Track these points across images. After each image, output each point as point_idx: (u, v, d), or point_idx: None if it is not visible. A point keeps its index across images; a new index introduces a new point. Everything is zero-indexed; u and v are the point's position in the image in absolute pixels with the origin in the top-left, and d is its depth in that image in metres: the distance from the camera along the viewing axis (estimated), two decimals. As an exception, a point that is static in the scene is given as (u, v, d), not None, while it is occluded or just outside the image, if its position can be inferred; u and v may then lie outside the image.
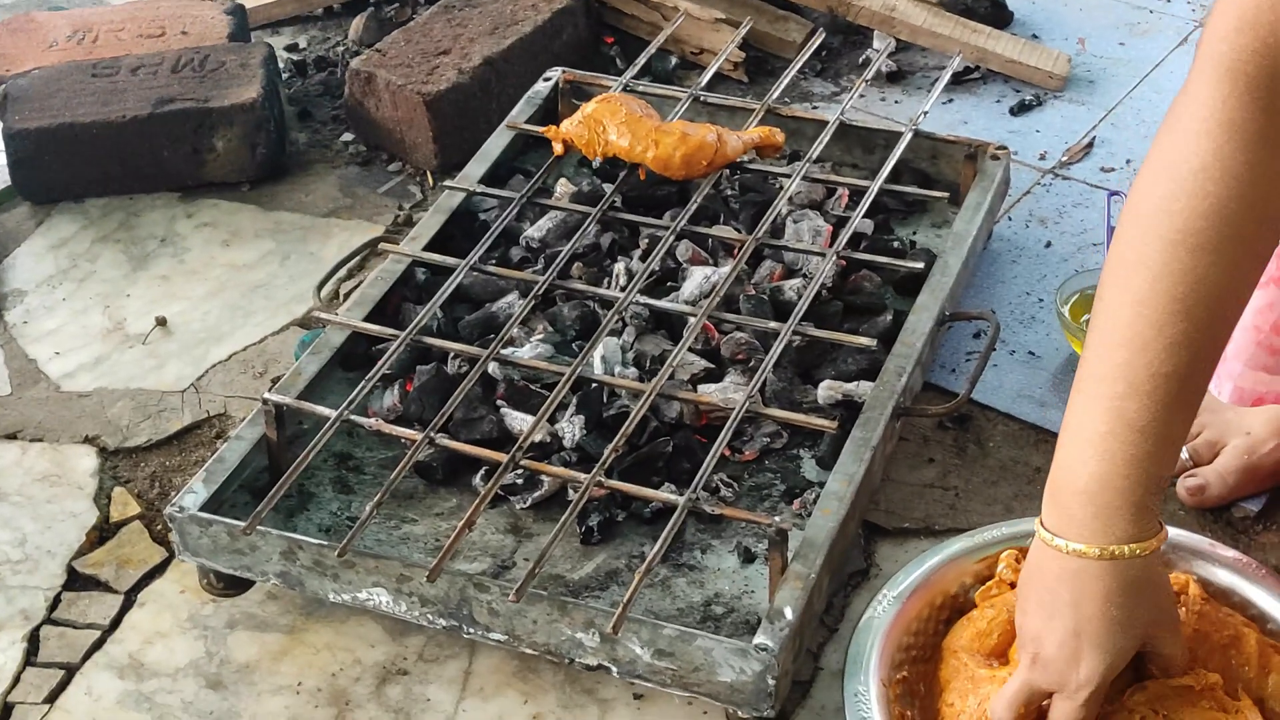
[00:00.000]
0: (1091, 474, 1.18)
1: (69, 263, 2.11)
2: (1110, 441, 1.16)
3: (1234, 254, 1.13)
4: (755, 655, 1.38)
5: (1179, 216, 1.13)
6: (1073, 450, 1.19)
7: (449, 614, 1.48)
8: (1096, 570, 1.19)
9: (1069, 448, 1.20)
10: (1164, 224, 1.14)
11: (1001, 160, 1.96)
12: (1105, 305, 1.18)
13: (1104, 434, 1.17)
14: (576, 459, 1.64)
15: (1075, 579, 1.19)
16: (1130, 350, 1.15)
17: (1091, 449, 1.17)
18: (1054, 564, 1.21)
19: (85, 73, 2.25)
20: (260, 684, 1.53)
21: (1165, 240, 1.14)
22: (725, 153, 1.86)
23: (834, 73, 2.42)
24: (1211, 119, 1.13)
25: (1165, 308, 1.14)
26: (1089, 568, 1.19)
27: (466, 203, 1.94)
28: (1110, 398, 1.16)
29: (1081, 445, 1.18)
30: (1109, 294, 1.18)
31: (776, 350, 1.64)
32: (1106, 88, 2.35)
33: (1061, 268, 1.99)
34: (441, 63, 2.23)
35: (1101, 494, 1.17)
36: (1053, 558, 1.21)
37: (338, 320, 1.75)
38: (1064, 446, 1.20)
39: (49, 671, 1.55)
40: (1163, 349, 1.14)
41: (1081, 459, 1.18)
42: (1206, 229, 1.13)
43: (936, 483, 1.71)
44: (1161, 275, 1.14)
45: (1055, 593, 1.21)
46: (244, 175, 2.22)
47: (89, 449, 1.81)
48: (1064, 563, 1.20)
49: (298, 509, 1.64)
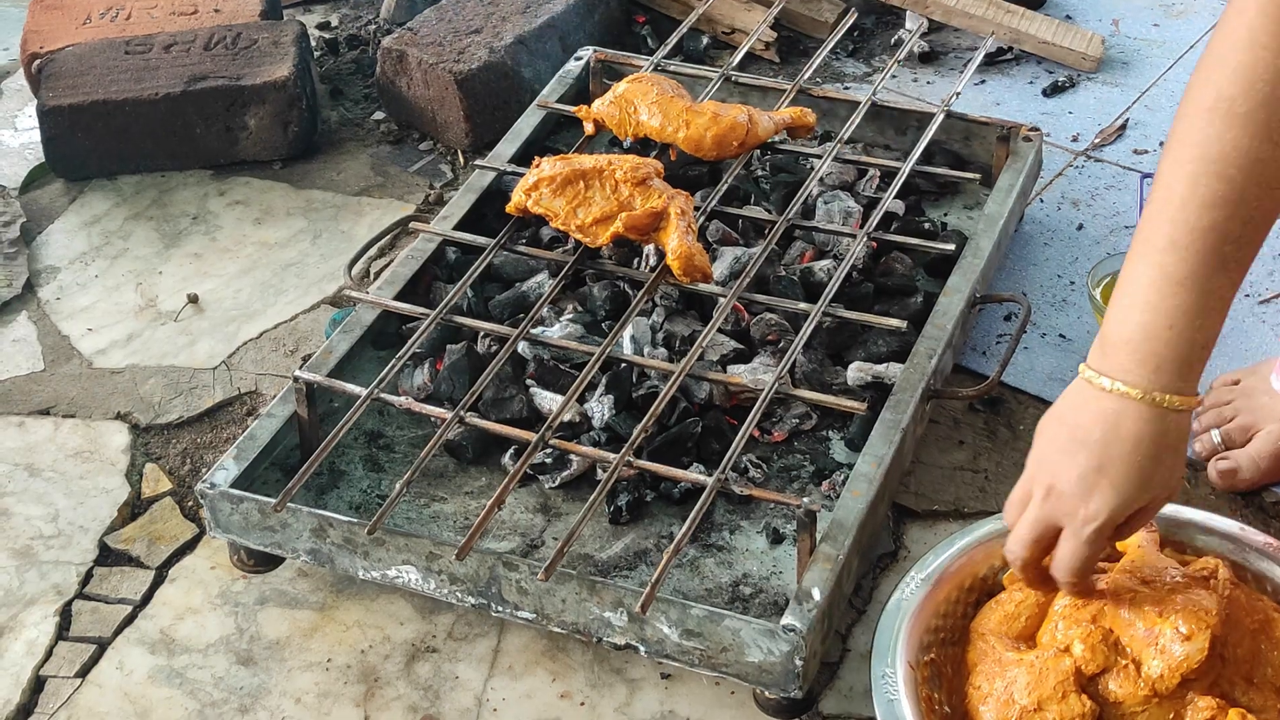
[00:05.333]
0: (1137, 324, 1.21)
1: (102, 240, 2.11)
2: (1154, 294, 1.20)
3: (1267, 120, 1.17)
4: (783, 636, 1.38)
5: (1214, 85, 1.19)
6: (1122, 303, 1.23)
7: (478, 592, 1.48)
8: (1135, 413, 1.21)
9: (1119, 301, 1.23)
10: (1203, 93, 1.20)
11: (1034, 142, 1.95)
12: (1158, 174, 1.22)
13: (1147, 286, 1.20)
14: (606, 439, 1.64)
15: (1113, 418, 1.22)
16: (1171, 208, 1.19)
17: (1138, 301, 1.21)
18: (1093, 402, 1.24)
19: (119, 50, 2.26)
20: (290, 660, 1.53)
21: (1201, 107, 1.19)
22: (757, 133, 1.86)
23: (866, 53, 2.41)
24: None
25: (1200, 169, 1.19)
26: (1129, 409, 1.21)
27: (497, 182, 1.94)
28: (1153, 252, 1.20)
29: (1129, 298, 1.22)
30: (1162, 164, 1.22)
31: (806, 331, 1.64)
32: (1140, 69, 2.34)
33: (1093, 250, 1.98)
34: (473, 41, 2.23)
35: (1147, 343, 1.21)
36: (1093, 396, 1.24)
37: (369, 299, 1.75)
38: (1114, 302, 1.24)
39: (81, 646, 1.57)
40: (1198, 206, 1.18)
41: (1129, 311, 1.22)
42: (1238, 95, 1.17)
43: (967, 465, 1.70)
44: (1198, 139, 1.19)
45: (1088, 429, 1.23)
46: (276, 153, 2.22)
47: (121, 425, 1.82)
48: (1104, 401, 1.23)
49: (328, 486, 1.64)
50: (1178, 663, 1.27)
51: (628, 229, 1.70)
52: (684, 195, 1.73)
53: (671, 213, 1.69)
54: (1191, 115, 1.20)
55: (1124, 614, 1.30)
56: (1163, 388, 1.21)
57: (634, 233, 1.70)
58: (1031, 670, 1.29)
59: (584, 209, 1.72)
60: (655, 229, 1.70)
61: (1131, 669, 1.28)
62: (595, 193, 1.73)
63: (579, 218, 1.72)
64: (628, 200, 1.71)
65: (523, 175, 1.79)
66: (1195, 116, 1.20)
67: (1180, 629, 1.27)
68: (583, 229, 1.72)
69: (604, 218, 1.71)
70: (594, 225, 1.72)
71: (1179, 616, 1.28)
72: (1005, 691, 1.30)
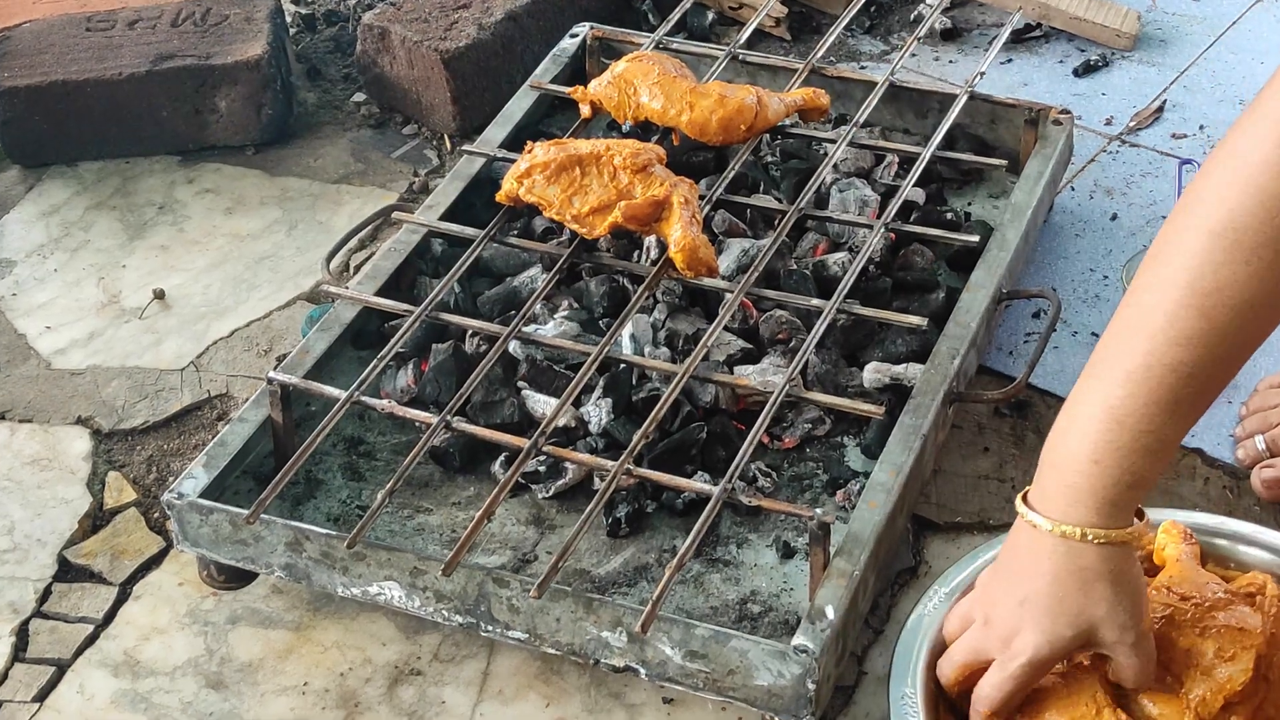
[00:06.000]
0: (1066, 449, 1.21)
1: (61, 231, 2.11)
2: (1090, 424, 1.19)
3: (1273, 260, 1.13)
4: (794, 658, 1.38)
5: (1225, 207, 1.13)
6: (1059, 424, 1.23)
7: (466, 611, 1.48)
8: (1049, 546, 1.23)
9: (1058, 421, 1.24)
10: (1210, 212, 1.14)
11: (1064, 126, 1.95)
12: (1135, 282, 1.19)
13: (1085, 415, 1.20)
14: (603, 445, 1.64)
15: (1030, 550, 1.25)
16: (1137, 336, 1.16)
17: (1073, 424, 1.21)
18: (1020, 532, 1.27)
19: (79, 26, 2.26)
20: (264, 684, 1.53)
21: (1204, 230, 1.13)
22: (766, 116, 1.86)
23: (884, 30, 2.41)
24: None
25: (1183, 300, 1.14)
26: (1043, 541, 1.23)
27: (487, 169, 1.94)
28: (1102, 379, 1.19)
29: (1067, 418, 1.22)
30: (1142, 271, 1.19)
31: (820, 330, 1.64)
32: (1179, 48, 2.34)
33: (1128, 242, 1.98)
34: (461, 17, 2.23)
35: (1068, 473, 1.21)
36: (1019, 525, 1.27)
37: (348, 294, 1.75)
38: (1056, 421, 1.24)
39: (39, 668, 1.57)
40: (1168, 341, 1.15)
41: (1061, 431, 1.22)
42: (1251, 227, 1.12)
43: (992, 474, 1.70)
44: (1191, 265, 1.14)
45: (1016, 560, 1.27)
46: (248, 138, 2.23)
47: (82, 431, 1.82)
48: (1025, 532, 1.26)
49: (305, 497, 1.64)
50: (1220, 685, 1.27)
51: (627, 219, 1.70)
52: (688, 183, 1.73)
53: (674, 202, 1.69)
54: (1192, 231, 1.14)
55: (1162, 633, 1.30)
56: (1076, 521, 1.21)
57: (634, 223, 1.70)
58: (1060, 691, 1.30)
59: (580, 198, 1.72)
60: (657, 219, 1.70)
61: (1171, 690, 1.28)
62: (592, 180, 1.73)
63: (575, 207, 1.72)
64: (627, 188, 1.71)
65: (514, 161, 1.79)
66: (1195, 235, 1.14)
67: (1222, 649, 1.27)
68: (579, 219, 1.72)
69: (602, 207, 1.71)
70: (591, 215, 1.72)
71: (1221, 636, 1.28)
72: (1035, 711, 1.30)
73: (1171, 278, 1.15)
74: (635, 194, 1.71)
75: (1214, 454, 1.70)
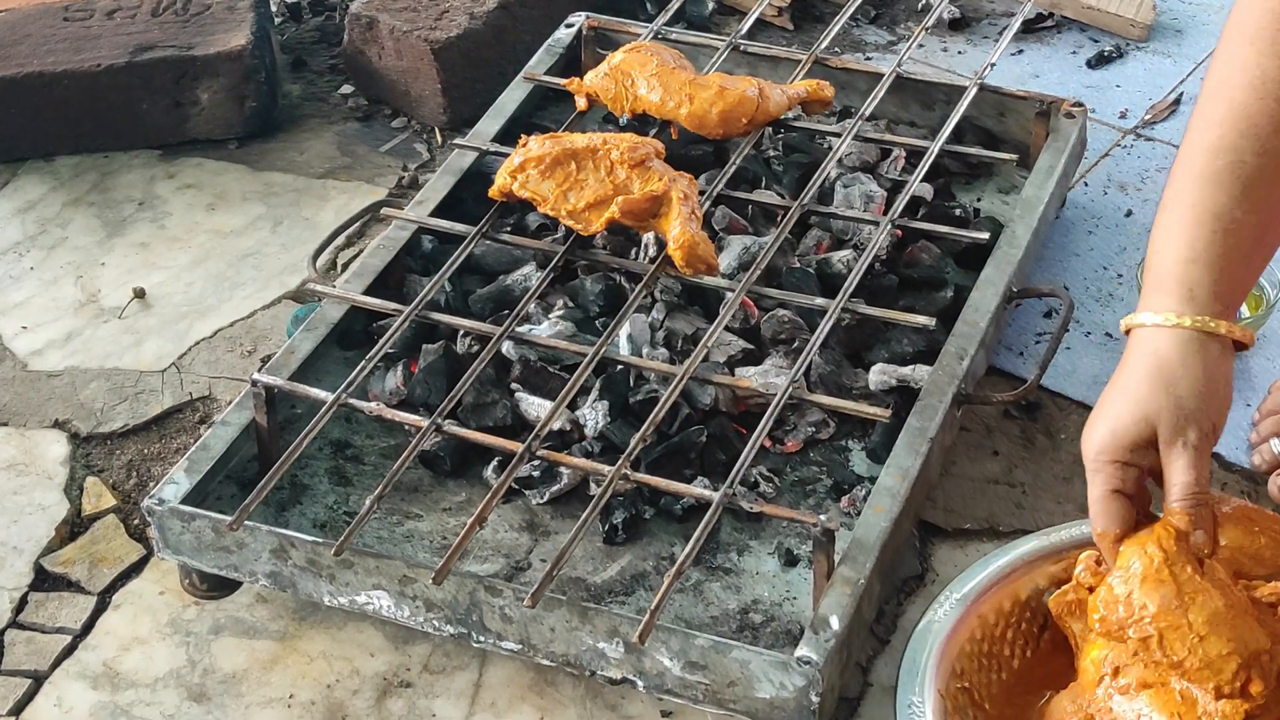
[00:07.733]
0: (1149, 254, 1.38)
1: (37, 228, 2.12)
2: (1157, 221, 1.37)
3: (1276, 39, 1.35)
4: (797, 669, 1.38)
5: (1247, 10, 1.37)
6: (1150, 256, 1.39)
7: (457, 620, 1.48)
8: (1132, 337, 1.37)
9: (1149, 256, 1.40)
10: (1240, 18, 1.38)
11: (1077, 118, 1.95)
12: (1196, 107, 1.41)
13: (1156, 222, 1.37)
14: (600, 449, 1.64)
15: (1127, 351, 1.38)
16: (1189, 132, 1.38)
17: (1153, 231, 1.38)
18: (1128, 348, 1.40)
19: (56, 16, 2.26)
20: (248, 696, 1.54)
21: (1231, 33, 1.38)
22: (767, 109, 1.86)
23: (890, 19, 2.41)
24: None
25: (1213, 92, 1.38)
26: (1133, 334, 1.37)
27: (479, 163, 1.95)
28: (1172, 178, 1.38)
29: (1156, 223, 1.39)
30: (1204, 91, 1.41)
31: (824, 330, 1.65)
32: (1195, 38, 2.34)
33: (1143, 239, 1.96)
34: (451, 6, 2.24)
35: (1148, 273, 1.37)
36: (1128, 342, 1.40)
37: (335, 293, 1.75)
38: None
39: (14, 681, 1.57)
40: (1203, 121, 1.37)
41: (1153, 236, 1.39)
42: (1269, 23, 1.35)
43: (1001, 478, 1.71)
44: (1219, 59, 1.39)
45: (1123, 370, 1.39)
46: (231, 131, 2.23)
47: (59, 434, 1.82)
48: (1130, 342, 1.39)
49: (290, 502, 1.65)
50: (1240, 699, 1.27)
51: (624, 215, 1.70)
52: (687, 178, 1.74)
53: (673, 197, 1.70)
54: (1224, 37, 1.38)
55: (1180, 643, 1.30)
56: (1145, 307, 1.35)
57: (631, 219, 1.71)
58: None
59: (575, 193, 1.72)
60: (655, 215, 1.71)
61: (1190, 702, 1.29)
62: (588, 175, 1.73)
63: (570, 202, 1.72)
64: (624, 183, 1.72)
65: (507, 155, 1.80)
66: (1225, 36, 1.38)
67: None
68: (574, 215, 1.72)
69: (598, 202, 1.72)
70: (586, 211, 1.72)
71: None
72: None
73: (1210, 73, 1.40)
74: (633, 189, 1.71)
75: (1232, 459, 1.70)
